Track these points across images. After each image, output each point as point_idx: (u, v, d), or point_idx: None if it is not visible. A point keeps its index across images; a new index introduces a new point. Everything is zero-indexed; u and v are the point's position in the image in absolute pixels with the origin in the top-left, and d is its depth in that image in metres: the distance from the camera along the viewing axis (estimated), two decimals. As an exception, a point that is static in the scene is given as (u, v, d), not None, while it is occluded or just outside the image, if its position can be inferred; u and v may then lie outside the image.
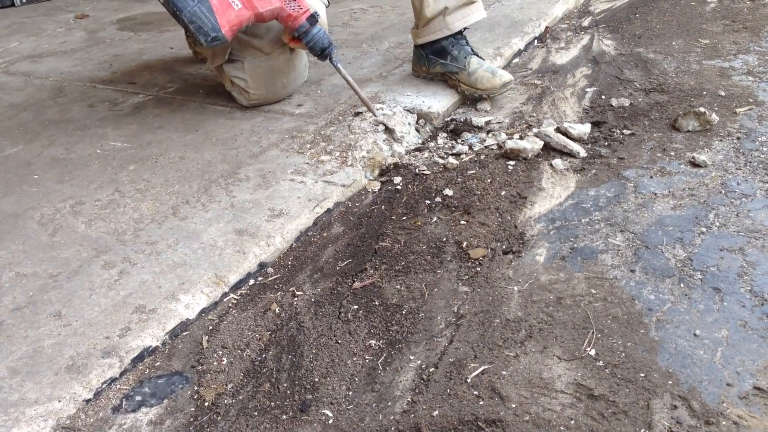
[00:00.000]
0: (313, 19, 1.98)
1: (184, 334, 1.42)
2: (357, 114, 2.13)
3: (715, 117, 2.05)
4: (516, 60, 2.67)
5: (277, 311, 1.48)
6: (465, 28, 2.29)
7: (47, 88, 2.50)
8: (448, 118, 2.24)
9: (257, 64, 2.17)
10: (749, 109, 2.15)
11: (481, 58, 2.29)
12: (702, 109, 2.05)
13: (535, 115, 2.22)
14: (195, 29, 1.91)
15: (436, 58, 2.30)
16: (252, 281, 1.57)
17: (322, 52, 2.03)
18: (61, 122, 2.22)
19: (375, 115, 2.06)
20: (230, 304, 1.50)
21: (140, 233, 1.66)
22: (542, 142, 2.00)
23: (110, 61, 2.72)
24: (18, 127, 2.21)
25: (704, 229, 1.62)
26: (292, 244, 1.68)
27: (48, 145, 2.08)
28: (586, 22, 3.02)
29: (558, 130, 2.06)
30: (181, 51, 2.78)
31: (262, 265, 1.60)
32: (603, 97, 2.31)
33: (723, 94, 2.26)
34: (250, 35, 2.14)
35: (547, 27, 2.91)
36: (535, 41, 2.83)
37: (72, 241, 1.64)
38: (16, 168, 1.96)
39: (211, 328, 1.44)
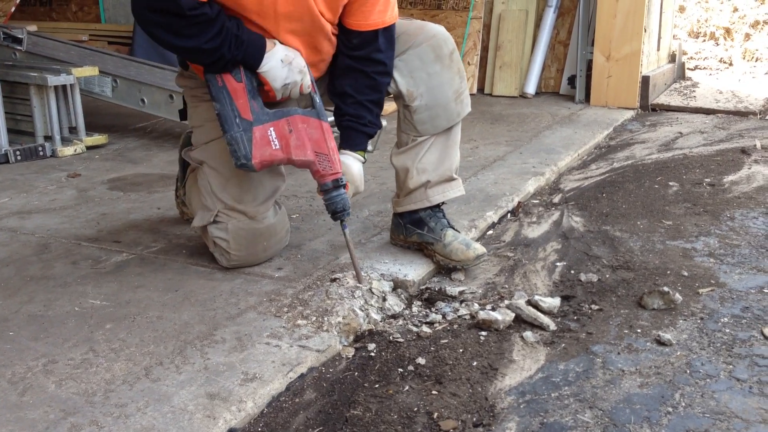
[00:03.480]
0: (336, 182, 2.13)
1: (146, 503, 1.38)
2: (334, 279, 2.19)
3: (678, 297, 2.13)
4: (490, 232, 2.79)
5: (244, 481, 1.45)
6: (443, 202, 2.42)
7: (32, 245, 2.55)
8: (423, 287, 2.31)
9: (240, 227, 2.25)
10: (711, 291, 2.24)
11: (456, 230, 2.40)
12: (666, 289, 2.13)
13: (507, 286, 2.30)
14: (230, 150, 2.08)
15: (413, 228, 2.40)
16: (220, 448, 1.55)
17: (334, 215, 2.17)
18: (42, 279, 2.26)
19: (360, 284, 2.13)
20: (196, 472, 1.48)
21: (110, 395, 1.66)
22: (513, 314, 2.06)
23: (97, 220, 2.80)
24: (-1, 282, 2.24)
25: (670, 409, 1.65)
26: (264, 410, 1.68)
27: (27, 302, 2.10)
28: (556, 199, 3.19)
29: (529, 302, 2.12)
30: (168, 211, 2.88)
31: (231, 432, 1.59)
32: (572, 271, 2.40)
33: (686, 274, 2.36)
34: (236, 200, 2.24)
35: (519, 202, 3.07)
36: (509, 215, 2.97)
37: (41, 402, 1.63)
38: (-8, 323, 1.98)
39: (174, 497, 1.40)
